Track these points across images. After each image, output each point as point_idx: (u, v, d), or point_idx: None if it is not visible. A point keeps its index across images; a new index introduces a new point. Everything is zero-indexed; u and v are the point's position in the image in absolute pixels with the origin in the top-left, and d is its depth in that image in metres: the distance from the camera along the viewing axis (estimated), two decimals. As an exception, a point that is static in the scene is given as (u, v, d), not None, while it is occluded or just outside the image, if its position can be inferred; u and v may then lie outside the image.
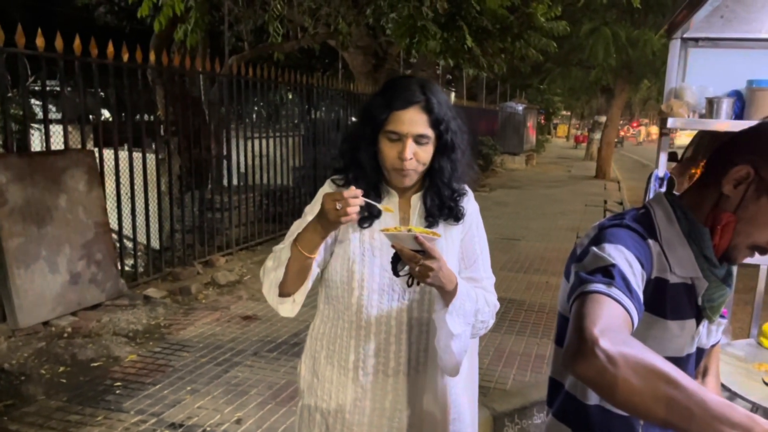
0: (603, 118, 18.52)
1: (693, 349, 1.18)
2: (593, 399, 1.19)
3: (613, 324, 0.88)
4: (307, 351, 1.59)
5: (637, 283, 0.99)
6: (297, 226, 1.46)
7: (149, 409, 3.05)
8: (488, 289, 1.52)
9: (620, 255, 1.01)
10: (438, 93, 1.41)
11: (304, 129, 7.99)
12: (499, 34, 8.03)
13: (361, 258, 1.44)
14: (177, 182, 5.68)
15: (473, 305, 1.40)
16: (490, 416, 3.11)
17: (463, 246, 1.51)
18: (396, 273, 1.44)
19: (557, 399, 1.27)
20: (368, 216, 1.43)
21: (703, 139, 2.83)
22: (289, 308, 1.42)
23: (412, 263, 1.27)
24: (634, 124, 42.91)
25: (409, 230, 1.27)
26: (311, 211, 1.47)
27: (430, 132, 1.39)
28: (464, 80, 17.87)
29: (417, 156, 1.39)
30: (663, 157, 2.54)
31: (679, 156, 2.92)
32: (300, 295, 1.42)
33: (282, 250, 1.41)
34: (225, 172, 6.39)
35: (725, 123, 2.28)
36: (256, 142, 6.71)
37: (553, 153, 26.64)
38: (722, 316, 1.20)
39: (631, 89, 17.91)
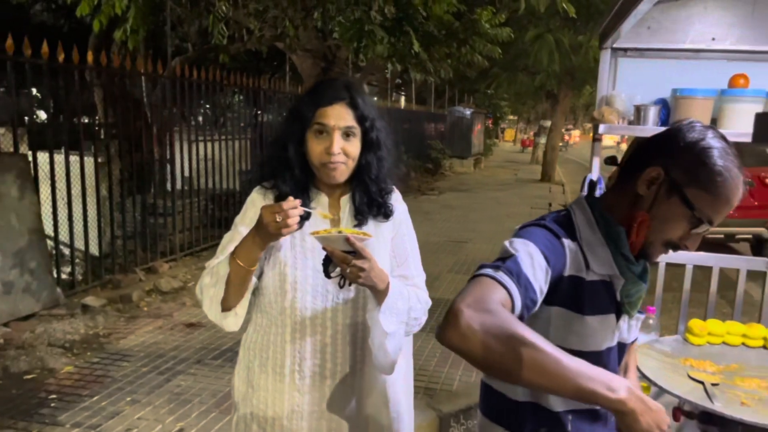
0: (548, 123, 19.00)
1: (614, 343, 1.24)
2: (523, 395, 1.23)
3: (484, 298, 0.94)
4: (241, 362, 1.57)
5: (534, 274, 1.05)
6: (228, 239, 1.46)
7: (86, 421, 2.95)
8: (420, 286, 1.54)
9: (524, 248, 1.07)
10: (362, 93, 1.45)
11: (251, 132, 7.89)
12: (445, 40, 8.15)
13: (293, 261, 1.44)
14: (118, 186, 5.51)
15: (406, 303, 1.41)
16: (436, 417, 3.15)
17: (394, 245, 1.53)
18: (327, 275, 1.44)
19: (489, 400, 1.31)
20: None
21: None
22: (233, 322, 1.42)
23: (344, 265, 1.28)
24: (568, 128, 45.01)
25: (340, 232, 1.27)
26: (242, 221, 1.47)
27: (356, 126, 1.42)
28: (413, 85, 18.04)
29: (345, 150, 1.40)
30: (596, 162, 2.63)
31: (619, 160, 3.04)
32: (242, 308, 1.42)
33: (219, 265, 1.40)
34: (168, 176, 6.24)
35: (652, 129, 2.39)
36: (201, 145, 6.58)
37: (500, 157, 27.14)
38: (640, 312, 1.27)
39: (574, 95, 18.46)
